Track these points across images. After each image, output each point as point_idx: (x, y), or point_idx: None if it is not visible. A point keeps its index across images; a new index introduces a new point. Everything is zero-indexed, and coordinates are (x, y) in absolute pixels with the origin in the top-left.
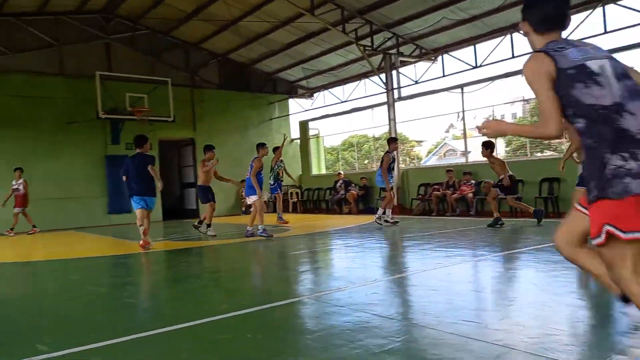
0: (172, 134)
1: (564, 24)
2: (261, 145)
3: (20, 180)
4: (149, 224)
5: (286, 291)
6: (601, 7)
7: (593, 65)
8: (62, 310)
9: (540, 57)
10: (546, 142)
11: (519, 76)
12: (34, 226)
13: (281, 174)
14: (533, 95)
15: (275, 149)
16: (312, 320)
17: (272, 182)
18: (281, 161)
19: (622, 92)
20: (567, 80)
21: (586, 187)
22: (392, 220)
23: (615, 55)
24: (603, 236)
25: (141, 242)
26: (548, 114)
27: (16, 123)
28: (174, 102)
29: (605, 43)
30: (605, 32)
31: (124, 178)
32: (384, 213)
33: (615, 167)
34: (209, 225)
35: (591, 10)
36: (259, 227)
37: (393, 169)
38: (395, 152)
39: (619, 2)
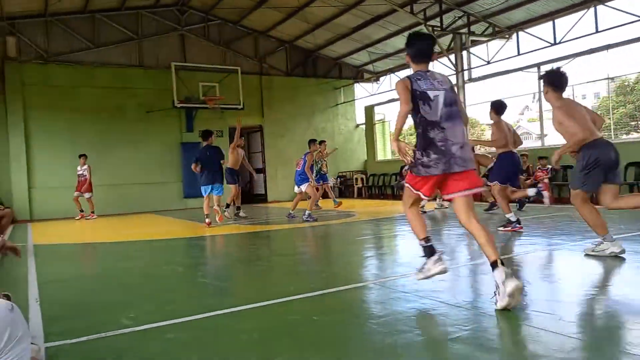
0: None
1: (429, 58)
2: (313, 141)
3: (85, 166)
4: (219, 201)
5: (351, 276)
6: (593, 8)
7: (431, 94)
8: (144, 287)
9: (405, 80)
10: (633, 123)
11: (604, 52)
12: (81, 210)
13: (324, 168)
14: (619, 73)
15: (321, 142)
16: (377, 305)
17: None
18: (327, 154)
19: (443, 114)
20: (415, 99)
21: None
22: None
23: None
24: (406, 188)
25: (211, 221)
26: (402, 100)
27: (101, 113)
28: (243, 89)
29: (597, 42)
30: (597, 31)
31: (193, 166)
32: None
33: (419, 158)
34: (229, 205)
35: (585, 11)
36: (306, 212)
37: None
38: None
39: (608, 4)
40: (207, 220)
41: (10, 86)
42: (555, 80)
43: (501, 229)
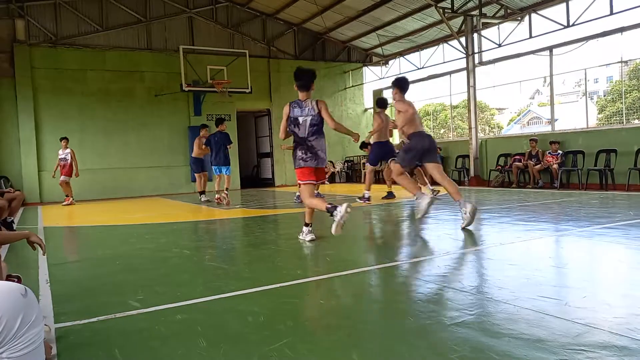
0: (249, 105)
1: (308, 89)
2: None
3: (67, 150)
4: (229, 183)
5: (357, 260)
6: None
7: (300, 119)
8: (153, 270)
9: (287, 106)
10: None
11: (617, 35)
12: (67, 196)
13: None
14: (633, 57)
15: None
16: (383, 289)
17: None
18: None
19: (309, 132)
20: (290, 121)
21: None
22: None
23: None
24: (299, 184)
25: (221, 198)
26: (281, 129)
27: (110, 96)
28: (251, 73)
29: (611, 24)
30: (611, 13)
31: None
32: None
33: (299, 155)
34: (203, 193)
35: None
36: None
37: None
38: None
39: None
40: (216, 196)
41: (19, 70)
42: (403, 85)
43: (359, 200)
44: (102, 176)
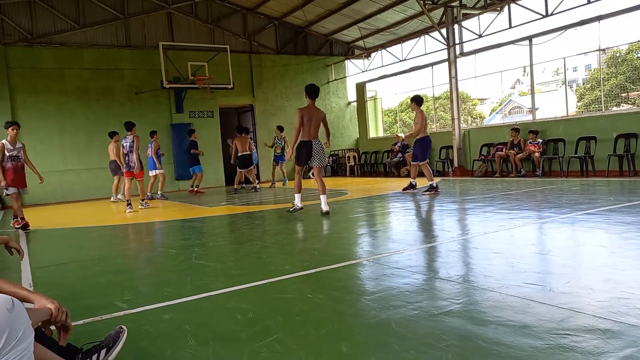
0: (232, 101)
1: (131, 130)
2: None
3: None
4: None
5: (345, 253)
6: None
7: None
8: (139, 270)
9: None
10: (624, 95)
11: (595, 23)
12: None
13: (279, 150)
14: (610, 44)
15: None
16: (371, 281)
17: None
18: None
19: (126, 152)
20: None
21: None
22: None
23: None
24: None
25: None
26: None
27: (89, 95)
28: (233, 68)
29: (589, 13)
30: (589, 2)
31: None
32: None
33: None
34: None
35: None
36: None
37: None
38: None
39: None
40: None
41: None
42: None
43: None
44: (84, 176)
